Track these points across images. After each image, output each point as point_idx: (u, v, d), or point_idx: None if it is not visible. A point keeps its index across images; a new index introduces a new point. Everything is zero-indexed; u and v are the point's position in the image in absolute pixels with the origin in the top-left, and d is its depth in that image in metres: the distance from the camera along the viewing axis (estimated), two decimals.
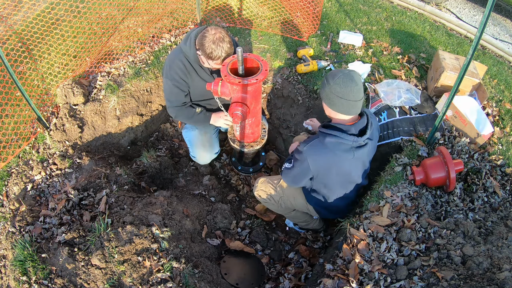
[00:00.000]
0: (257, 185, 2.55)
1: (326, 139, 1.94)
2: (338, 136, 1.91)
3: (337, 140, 1.92)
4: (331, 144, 1.94)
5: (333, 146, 1.94)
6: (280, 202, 2.47)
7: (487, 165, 2.45)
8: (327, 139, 1.94)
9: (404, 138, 2.65)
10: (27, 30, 3.09)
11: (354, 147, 1.95)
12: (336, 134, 1.91)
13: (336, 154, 1.96)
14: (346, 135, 1.91)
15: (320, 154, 1.97)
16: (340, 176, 2.10)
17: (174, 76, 2.36)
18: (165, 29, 3.67)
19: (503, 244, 1.84)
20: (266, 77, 2.01)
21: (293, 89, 3.31)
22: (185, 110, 2.48)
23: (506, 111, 2.95)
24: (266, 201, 2.51)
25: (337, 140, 1.92)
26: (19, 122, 2.85)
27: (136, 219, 2.23)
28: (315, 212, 2.45)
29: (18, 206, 2.46)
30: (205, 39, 2.11)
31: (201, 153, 2.79)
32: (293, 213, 2.57)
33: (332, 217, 2.45)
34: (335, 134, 1.91)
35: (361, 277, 1.79)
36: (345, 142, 1.92)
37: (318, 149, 1.97)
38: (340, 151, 1.95)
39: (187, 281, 1.98)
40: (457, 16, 4.72)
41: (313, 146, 1.98)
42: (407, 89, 2.85)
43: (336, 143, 1.93)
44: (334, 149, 1.94)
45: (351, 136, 1.91)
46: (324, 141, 1.95)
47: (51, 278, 1.98)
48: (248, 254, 2.61)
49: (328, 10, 4.03)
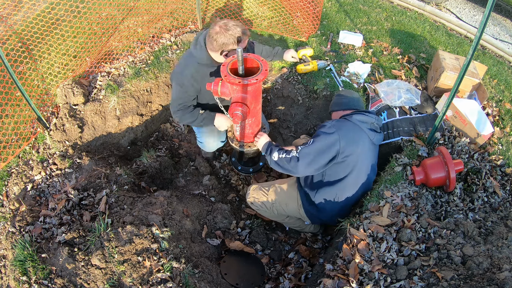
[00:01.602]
0: (249, 192, 2.57)
1: (354, 116, 2.17)
2: (363, 113, 2.19)
3: (364, 116, 2.17)
4: (358, 121, 2.16)
5: (361, 122, 2.16)
6: (272, 209, 2.48)
7: (487, 165, 2.45)
8: (354, 116, 2.17)
9: (404, 138, 2.65)
10: (27, 30, 3.09)
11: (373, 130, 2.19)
12: (362, 112, 2.20)
13: (362, 130, 2.16)
14: (369, 113, 2.21)
15: (349, 128, 2.14)
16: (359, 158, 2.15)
17: (185, 82, 2.37)
18: (165, 29, 3.67)
19: (503, 244, 1.84)
20: (266, 77, 2.01)
21: (293, 89, 3.31)
22: (189, 113, 2.50)
23: (506, 111, 2.95)
24: (259, 208, 2.53)
25: (364, 117, 2.17)
26: (19, 122, 2.85)
27: (136, 219, 2.23)
28: (306, 218, 2.45)
29: (18, 206, 2.46)
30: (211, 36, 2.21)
31: (209, 140, 2.83)
32: (287, 219, 2.59)
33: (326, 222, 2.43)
34: (361, 112, 2.20)
35: (361, 277, 1.79)
36: (370, 120, 2.18)
37: (346, 124, 2.15)
38: (366, 128, 2.16)
39: (187, 281, 1.98)
40: (457, 16, 4.72)
41: (341, 121, 2.18)
42: (407, 89, 2.85)
43: (363, 119, 2.17)
44: (362, 125, 2.16)
45: (372, 115, 2.21)
46: (351, 118, 2.16)
47: (51, 278, 1.98)
48: (248, 254, 2.61)
49: (328, 10, 4.03)
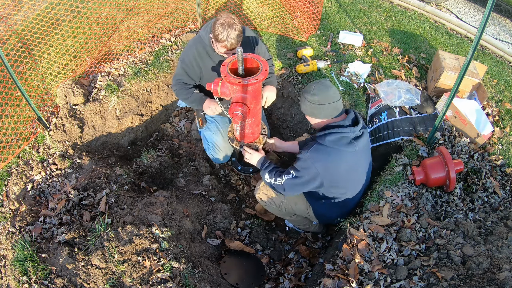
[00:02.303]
0: (258, 188, 2.55)
1: (326, 138, 1.96)
2: (336, 132, 1.95)
3: (336, 135, 1.95)
4: (331, 142, 1.95)
5: (335, 143, 1.96)
6: (281, 206, 2.47)
7: (487, 165, 2.45)
8: (327, 138, 1.96)
9: (404, 138, 2.65)
10: (27, 30, 3.09)
11: (353, 139, 1.98)
12: (333, 131, 1.95)
13: (340, 150, 1.97)
14: (343, 128, 1.96)
15: (325, 154, 1.97)
16: (349, 173, 2.09)
17: (186, 59, 2.49)
18: (165, 29, 3.67)
19: (503, 244, 1.84)
20: (266, 77, 2.01)
21: (293, 89, 3.31)
22: (186, 90, 2.61)
23: (506, 111, 2.95)
24: (267, 204, 2.51)
25: (337, 136, 1.95)
26: (19, 122, 2.85)
27: (136, 219, 2.23)
28: (315, 218, 2.45)
29: (18, 206, 2.46)
30: (217, 21, 2.21)
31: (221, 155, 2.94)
32: (293, 217, 2.58)
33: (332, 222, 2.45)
34: (332, 131, 1.95)
35: (361, 277, 1.79)
36: (344, 135, 1.95)
37: (321, 151, 1.97)
38: (343, 146, 1.96)
39: (187, 281, 1.98)
40: (457, 16, 4.72)
41: (315, 150, 1.98)
42: (407, 89, 2.85)
43: (336, 139, 1.95)
44: (336, 145, 1.96)
45: (348, 128, 1.96)
46: (324, 142, 1.96)
47: (51, 278, 1.98)
48: (248, 254, 2.61)
49: (328, 10, 4.03)
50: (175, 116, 3.71)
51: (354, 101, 3.03)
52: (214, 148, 2.92)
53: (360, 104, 3.01)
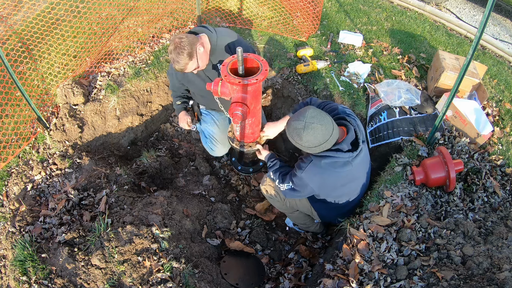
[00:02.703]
0: (265, 180, 2.55)
1: (322, 161, 1.91)
2: (332, 157, 1.89)
3: (333, 160, 1.90)
4: (327, 165, 1.91)
5: (331, 166, 1.92)
6: (285, 201, 2.47)
7: (487, 165, 2.45)
8: (323, 161, 1.90)
9: (404, 138, 2.65)
10: (27, 30, 3.08)
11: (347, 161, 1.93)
12: (330, 155, 1.89)
13: (335, 172, 1.94)
14: (341, 153, 1.88)
15: (320, 176, 1.96)
16: (346, 186, 2.12)
17: (169, 71, 2.77)
18: (165, 29, 3.67)
19: (503, 244, 1.84)
20: (266, 77, 2.01)
21: (293, 89, 3.31)
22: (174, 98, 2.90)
23: (506, 111, 2.95)
24: (272, 197, 2.51)
25: (333, 160, 1.90)
26: (19, 122, 2.85)
27: (136, 219, 2.23)
28: (317, 216, 2.46)
29: (18, 206, 2.46)
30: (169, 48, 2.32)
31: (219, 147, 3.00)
32: (295, 213, 2.58)
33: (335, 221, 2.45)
34: (329, 155, 1.89)
35: (361, 277, 1.79)
36: (341, 160, 1.90)
37: (317, 172, 1.95)
38: (339, 168, 1.93)
39: (187, 281, 1.98)
40: (457, 16, 4.72)
41: (310, 171, 1.95)
42: (407, 89, 2.85)
43: (332, 162, 1.91)
44: (333, 167, 1.92)
45: (346, 153, 1.89)
46: (320, 164, 1.91)
47: (51, 278, 1.98)
48: (248, 254, 2.61)
49: (328, 10, 4.03)
50: (175, 116, 3.71)
51: (354, 101, 3.03)
52: (212, 140, 2.95)
53: (360, 104, 3.01)
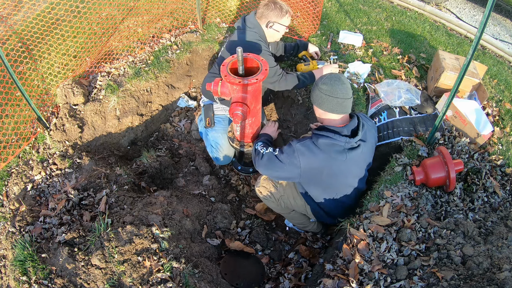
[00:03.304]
0: (259, 181, 2.55)
1: (319, 140, 1.96)
2: (330, 137, 1.94)
3: (330, 141, 1.94)
4: (323, 145, 1.95)
5: (326, 147, 1.95)
6: (280, 201, 2.47)
7: (487, 165, 2.45)
8: (320, 140, 1.95)
9: (404, 138, 2.65)
10: (27, 30, 3.09)
11: (347, 149, 1.98)
12: (329, 135, 1.94)
13: (329, 156, 1.97)
14: (339, 136, 1.94)
15: (312, 153, 1.98)
16: (332, 178, 2.09)
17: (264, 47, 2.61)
18: (165, 29, 3.67)
19: (503, 244, 1.84)
20: (266, 76, 2.01)
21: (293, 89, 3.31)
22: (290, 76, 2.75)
23: (506, 111, 2.95)
24: (266, 198, 2.51)
25: (330, 141, 1.94)
26: (19, 122, 2.85)
27: (136, 219, 2.23)
28: (312, 215, 2.45)
29: (18, 206, 2.46)
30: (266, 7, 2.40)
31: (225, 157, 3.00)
32: (292, 214, 2.58)
33: (329, 221, 2.45)
34: (328, 135, 1.95)
35: (361, 277, 1.79)
36: (338, 143, 1.95)
37: (311, 149, 1.97)
38: (333, 153, 1.96)
39: (187, 281, 1.98)
40: (457, 16, 4.72)
41: (306, 145, 1.99)
42: (407, 89, 2.85)
43: (329, 143, 1.95)
44: (327, 150, 1.96)
45: (344, 137, 1.95)
46: (317, 142, 1.96)
47: (51, 278, 1.98)
48: (248, 254, 2.61)
49: (328, 10, 4.03)
50: (175, 116, 3.72)
51: (354, 101, 3.03)
52: (217, 150, 2.93)
53: (360, 104, 3.01)
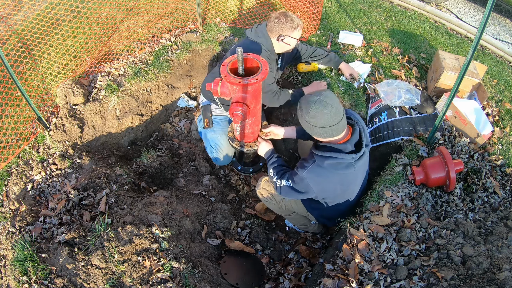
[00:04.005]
0: (260, 183, 2.55)
1: (325, 162, 1.87)
2: (336, 158, 1.86)
3: (336, 161, 1.87)
4: (330, 166, 1.88)
5: (333, 167, 1.89)
6: (281, 203, 2.47)
7: (487, 165, 2.45)
8: (325, 162, 1.87)
9: (404, 138, 2.65)
10: (27, 30, 3.08)
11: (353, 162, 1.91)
12: (333, 156, 1.86)
13: (338, 174, 1.92)
14: (344, 154, 1.86)
15: (322, 177, 1.93)
16: (345, 189, 2.10)
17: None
18: (165, 29, 3.67)
19: (503, 244, 1.84)
20: (266, 76, 2.01)
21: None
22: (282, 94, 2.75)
23: (506, 111, 2.95)
24: (267, 200, 2.51)
25: (336, 161, 1.87)
26: (19, 122, 2.85)
27: (136, 219, 2.23)
28: (313, 218, 2.46)
29: (18, 206, 2.46)
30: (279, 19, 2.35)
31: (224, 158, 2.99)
32: (292, 215, 2.58)
33: (331, 224, 2.46)
34: (332, 155, 1.86)
35: (361, 277, 1.79)
36: (344, 162, 1.88)
37: (319, 173, 1.91)
38: (342, 170, 1.90)
39: (187, 281, 1.98)
40: (457, 16, 4.72)
41: (313, 171, 1.92)
42: (407, 89, 2.85)
43: (335, 164, 1.88)
44: (335, 169, 1.90)
45: (349, 155, 1.87)
46: (323, 165, 1.88)
47: (51, 278, 1.98)
48: (248, 254, 2.61)
49: (328, 10, 4.03)
50: (175, 116, 3.71)
51: (354, 101, 3.03)
52: (217, 150, 2.93)
53: (360, 104, 3.01)
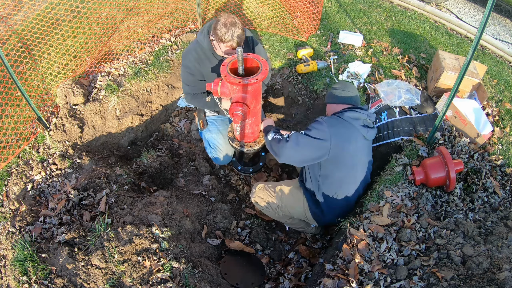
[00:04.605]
0: (254, 191, 2.56)
1: (345, 114, 2.16)
2: (354, 110, 2.17)
3: (355, 113, 2.15)
4: (349, 118, 2.14)
5: (352, 119, 2.14)
6: (277, 210, 2.48)
7: (487, 165, 2.45)
8: (345, 114, 2.15)
9: (404, 138, 2.65)
10: (27, 30, 3.09)
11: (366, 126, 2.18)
12: (352, 109, 2.18)
13: (354, 127, 2.14)
14: (361, 110, 2.20)
15: (341, 125, 2.13)
16: (354, 156, 2.18)
17: (188, 64, 2.55)
18: (165, 29, 3.67)
19: (503, 244, 1.84)
20: (266, 76, 2.01)
21: (293, 89, 3.31)
22: (197, 99, 2.71)
23: (506, 111, 2.95)
24: (263, 208, 2.53)
25: (355, 114, 2.15)
26: (19, 122, 2.85)
27: (136, 219, 2.23)
28: (313, 220, 2.45)
29: (18, 206, 2.46)
30: (218, 23, 2.24)
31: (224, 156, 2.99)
32: (290, 220, 2.59)
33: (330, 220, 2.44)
34: (352, 108, 2.19)
35: (361, 277, 1.79)
36: (362, 116, 2.17)
37: (338, 121, 2.14)
38: (358, 125, 2.15)
39: (187, 281, 1.98)
40: (457, 16, 4.72)
41: (333, 118, 2.15)
42: (407, 89, 2.85)
43: (354, 116, 2.15)
44: (353, 122, 2.14)
45: (365, 111, 2.20)
46: (343, 116, 2.15)
47: (51, 278, 1.98)
48: (248, 254, 2.61)
49: (328, 10, 4.03)
50: (175, 116, 3.71)
51: None
52: (215, 150, 2.93)
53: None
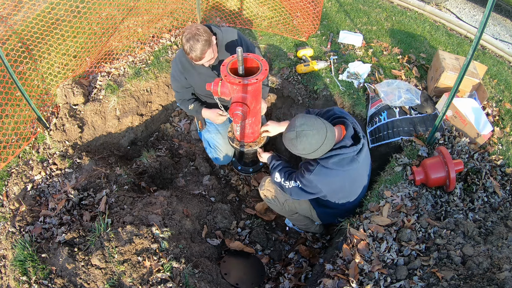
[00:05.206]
0: (263, 184, 2.55)
1: (329, 162, 1.91)
2: (339, 154, 1.91)
3: (339, 157, 1.91)
4: (335, 164, 1.92)
5: (338, 165, 1.93)
6: (284, 205, 2.47)
7: (487, 165, 2.45)
8: (329, 162, 1.91)
9: (404, 138, 2.65)
10: (27, 30, 3.09)
11: (356, 155, 1.95)
12: (336, 153, 1.91)
13: (344, 171, 1.95)
14: (345, 149, 1.91)
15: (330, 177, 1.96)
16: (353, 185, 2.14)
17: (174, 74, 2.61)
18: (165, 29, 3.67)
19: (503, 244, 1.84)
20: (266, 76, 2.01)
21: (293, 89, 3.31)
22: (184, 104, 2.77)
23: (506, 111, 2.95)
24: (270, 201, 2.51)
25: (339, 158, 1.91)
26: (19, 122, 2.85)
27: (136, 219, 2.23)
28: (318, 218, 2.46)
29: (18, 206, 2.46)
30: (183, 37, 2.22)
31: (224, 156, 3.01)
32: (295, 216, 2.58)
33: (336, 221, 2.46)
34: (334, 153, 1.91)
35: (361, 277, 1.79)
36: (347, 156, 1.92)
37: (326, 174, 1.95)
38: (347, 165, 1.94)
39: (187, 281, 1.98)
40: (457, 16, 4.72)
41: (319, 173, 1.94)
42: (407, 89, 2.85)
43: (339, 160, 1.92)
44: (340, 166, 1.93)
45: (350, 148, 1.92)
46: (327, 165, 1.92)
47: (51, 278, 1.98)
48: (248, 254, 2.61)
49: (328, 10, 4.03)
50: (175, 116, 3.72)
51: (354, 101, 3.03)
52: (215, 150, 2.94)
53: (360, 104, 3.01)
